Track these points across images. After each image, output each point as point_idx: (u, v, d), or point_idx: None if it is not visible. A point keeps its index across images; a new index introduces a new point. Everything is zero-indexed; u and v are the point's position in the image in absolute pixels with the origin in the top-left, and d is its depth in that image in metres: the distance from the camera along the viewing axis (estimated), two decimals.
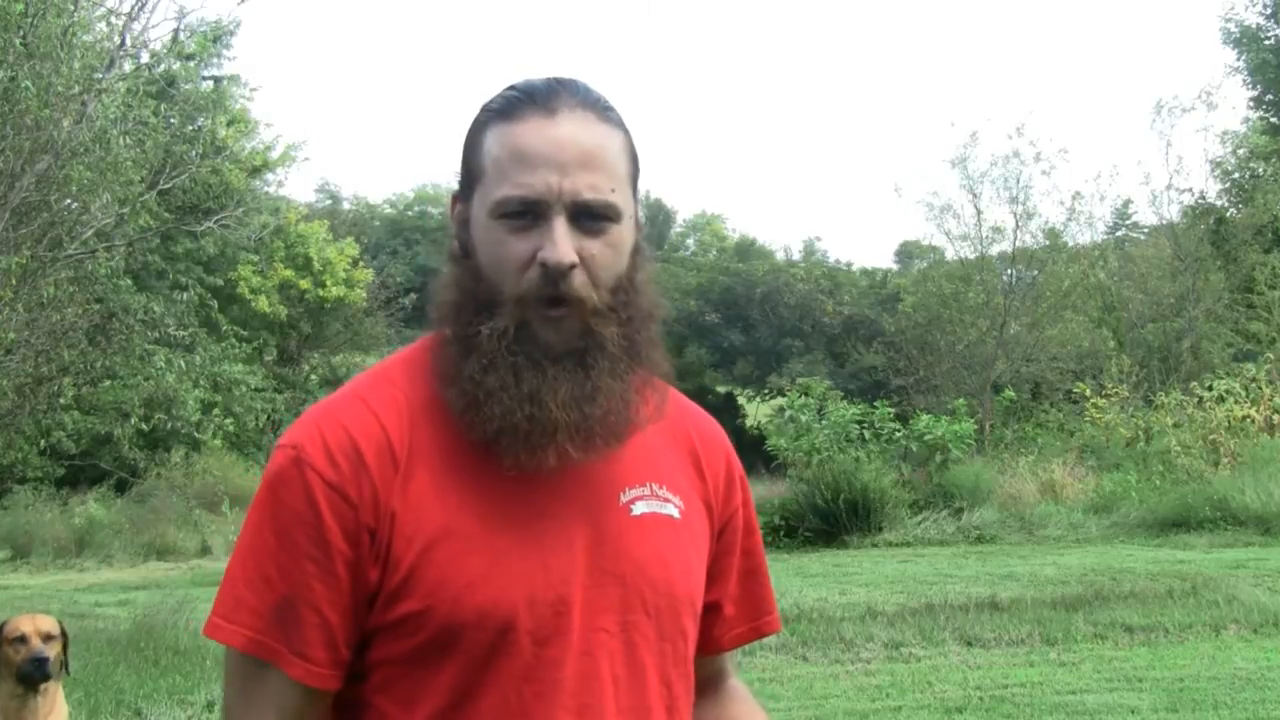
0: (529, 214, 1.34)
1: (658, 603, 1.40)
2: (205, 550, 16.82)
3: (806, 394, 19.35)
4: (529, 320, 1.34)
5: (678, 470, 1.48)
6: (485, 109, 1.41)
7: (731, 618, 1.56)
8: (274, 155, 27.59)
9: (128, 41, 13.93)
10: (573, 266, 1.33)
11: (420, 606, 1.32)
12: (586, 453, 1.35)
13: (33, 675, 4.08)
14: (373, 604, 1.35)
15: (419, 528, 1.33)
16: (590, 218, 1.35)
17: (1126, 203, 31.40)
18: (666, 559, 1.42)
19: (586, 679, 1.35)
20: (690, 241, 61.52)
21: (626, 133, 1.41)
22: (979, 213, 28.33)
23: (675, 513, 1.44)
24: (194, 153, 16.28)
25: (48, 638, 4.16)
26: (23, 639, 4.10)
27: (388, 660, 1.36)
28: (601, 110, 1.39)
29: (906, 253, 41.17)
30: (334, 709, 1.41)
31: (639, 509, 1.41)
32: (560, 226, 1.33)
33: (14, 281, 11.74)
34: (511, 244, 1.34)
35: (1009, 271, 28.87)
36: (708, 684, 1.57)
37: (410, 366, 1.43)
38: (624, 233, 1.38)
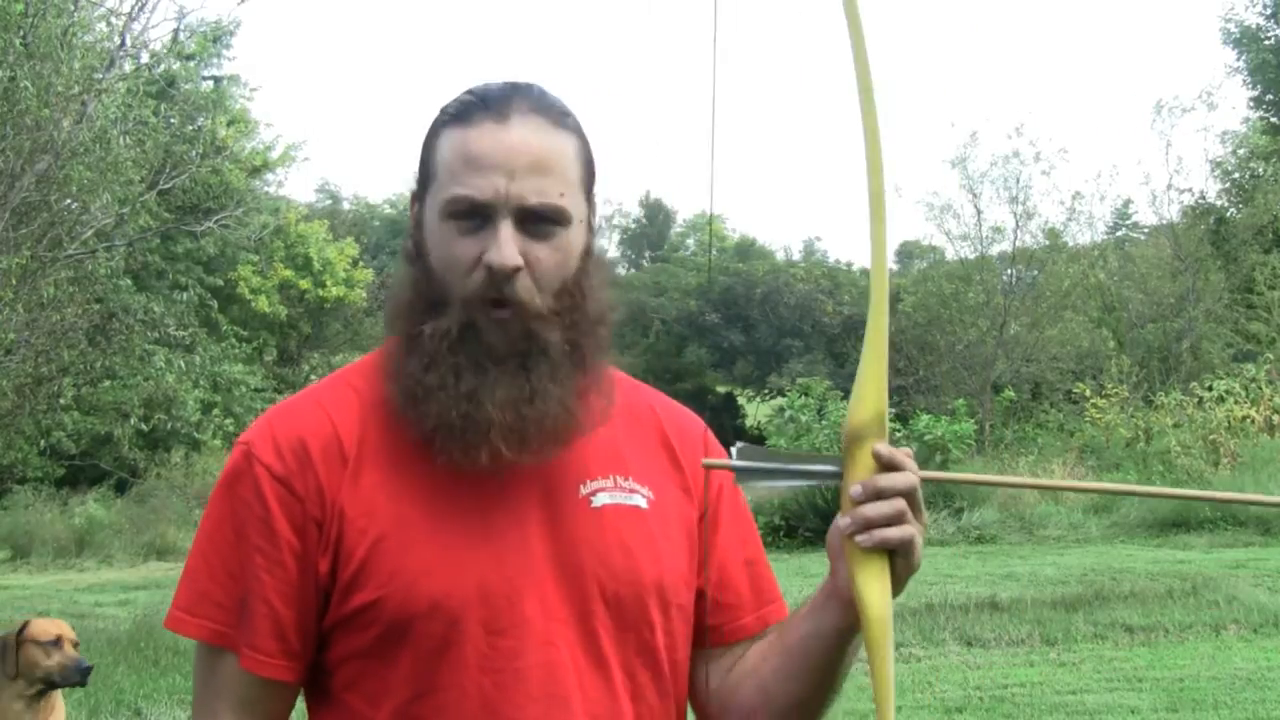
0: (477, 216, 1.36)
1: (619, 592, 1.41)
2: None
3: (806, 394, 19.38)
4: (475, 321, 1.36)
5: (647, 462, 1.49)
6: (442, 112, 1.43)
7: (733, 607, 1.54)
8: (274, 155, 27.60)
9: (128, 41, 13.95)
10: (516, 270, 1.35)
11: (373, 597, 1.35)
12: (520, 454, 1.36)
13: (75, 683, 4.12)
14: (329, 599, 1.37)
15: (371, 521, 1.36)
16: (537, 222, 1.36)
17: (1126, 203, 31.42)
18: (630, 549, 1.42)
19: (551, 669, 1.36)
20: (690, 241, 61.43)
21: (582, 139, 1.43)
22: (979, 213, 28.35)
23: (642, 503, 1.45)
24: (194, 153, 16.29)
25: (75, 645, 4.17)
26: (56, 643, 4.10)
27: (351, 655, 1.38)
28: (556, 115, 1.40)
29: (906, 253, 41.03)
30: (310, 707, 1.44)
31: (600, 500, 1.43)
32: (506, 230, 1.35)
33: (14, 281, 11.75)
34: (460, 245, 1.36)
35: (1009, 271, 28.85)
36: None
37: (369, 369, 1.47)
38: (572, 237, 1.39)
